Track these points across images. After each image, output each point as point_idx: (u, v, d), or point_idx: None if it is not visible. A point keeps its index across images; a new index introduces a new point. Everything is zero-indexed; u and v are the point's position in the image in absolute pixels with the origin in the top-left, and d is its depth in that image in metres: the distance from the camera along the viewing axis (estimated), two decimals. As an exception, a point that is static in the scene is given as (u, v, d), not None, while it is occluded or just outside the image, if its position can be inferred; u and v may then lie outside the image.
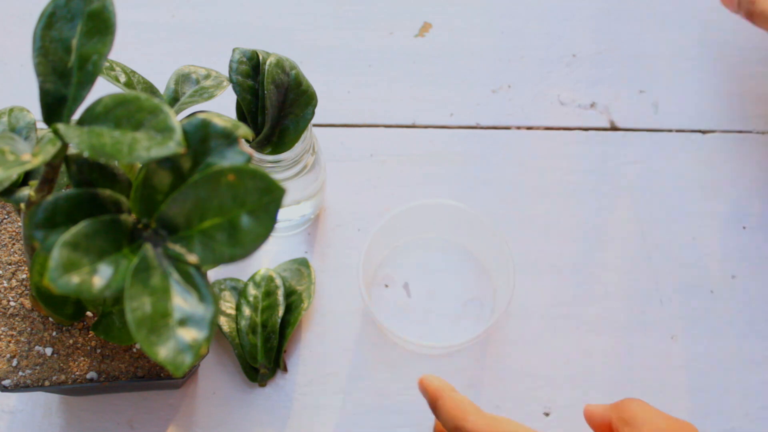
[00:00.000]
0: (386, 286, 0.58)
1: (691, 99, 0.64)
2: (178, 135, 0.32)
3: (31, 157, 0.33)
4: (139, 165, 0.36)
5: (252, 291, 0.55)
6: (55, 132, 0.33)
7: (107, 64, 0.45)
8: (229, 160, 0.34)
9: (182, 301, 0.32)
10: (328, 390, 0.55)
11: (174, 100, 0.45)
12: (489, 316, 0.57)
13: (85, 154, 0.31)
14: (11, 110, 0.42)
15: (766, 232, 0.60)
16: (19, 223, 0.49)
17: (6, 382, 0.46)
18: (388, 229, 0.55)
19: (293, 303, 0.55)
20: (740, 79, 0.65)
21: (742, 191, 0.61)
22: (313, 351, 0.56)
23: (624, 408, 0.46)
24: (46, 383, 0.47)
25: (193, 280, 0.32)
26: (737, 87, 0.65)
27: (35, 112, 0.38)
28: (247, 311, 0.55)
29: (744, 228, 0.60)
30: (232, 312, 0.55)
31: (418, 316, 0.57)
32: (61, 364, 0.47)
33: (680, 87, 0.64)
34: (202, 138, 0.34)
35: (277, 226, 0.57)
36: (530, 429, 0.44)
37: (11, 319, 0.47)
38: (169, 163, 0.34)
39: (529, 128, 0.63)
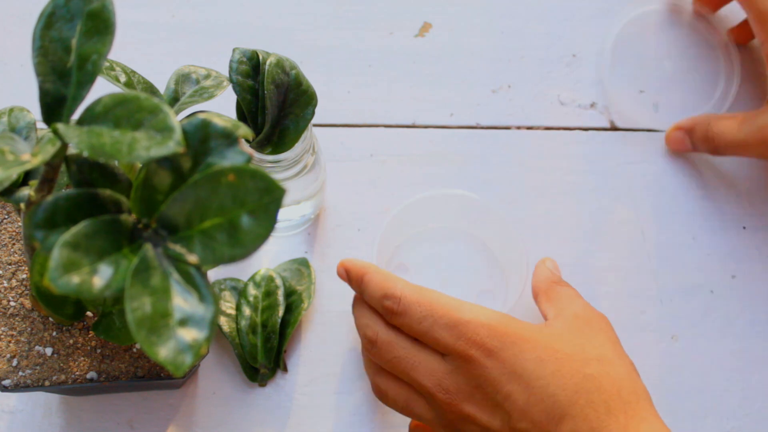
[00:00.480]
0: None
1: (691, 99, 0.64)
2: (178, 134, 0.32)
3: (30, 157, 0.33)
4: (139, 165, 0.36)
5: (252, 291, 0.55)
6: (55, 132, 0.33)
7: (107, 63, 0.45)
8: (229, 160, 0.34)
9: (182, 301, 0.32)
10: (328, 390, 0.55)
11: (174, 100, 0.45)
12: (500, 308, 0.57)
13: (85, 154, 0.31)
14: (11, 110, 0.41)
15: (766, 232, 0.60)
16: (19, 223, 0.49)
17: (6, 382, 0.46)
18: (398, 220, 0.56)
19: (293, 303, 0.55)
20: (740, 78, 0.65)
21: (742, 191, 0.61)
22: (313, 351, 0.56)
23: (553, 290, 0.52)
24: (46, 383, 0.46)
25: (193, 280, 0.32)
26: (737, 87, 0.64)
27: (35, 112, 0.38)
28: (247, 311, 0.55)
29: (744, 228, 0.60)
30: (232, 312, 0.55)
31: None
32: (61, 364, 0.47)
33: (680, 87, 0.64)
34: (202, 138, 0.34)
35: (277, 226, 0.57)
36: (455, 298, 0.47)
37: (11, 319, 0.47)
38: (169, 163, 0.34)
39: (529, 128, 0.63)
